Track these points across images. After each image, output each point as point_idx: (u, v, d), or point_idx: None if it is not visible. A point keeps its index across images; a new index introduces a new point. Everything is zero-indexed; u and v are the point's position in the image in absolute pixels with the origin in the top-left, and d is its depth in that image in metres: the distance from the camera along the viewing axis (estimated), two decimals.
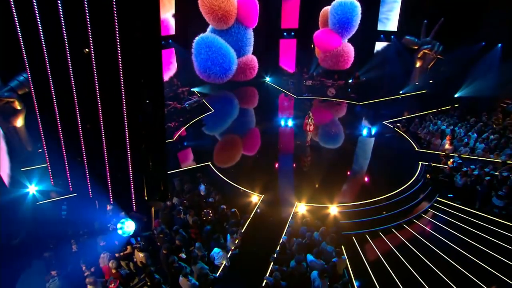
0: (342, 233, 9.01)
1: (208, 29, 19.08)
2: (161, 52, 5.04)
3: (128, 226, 5.47)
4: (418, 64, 19.51)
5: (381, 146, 13.79)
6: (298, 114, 16.46)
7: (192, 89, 18.95)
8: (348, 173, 11.96)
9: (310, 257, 7.47)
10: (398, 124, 14.97)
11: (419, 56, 19.08)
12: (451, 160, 11.43)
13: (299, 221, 8.95)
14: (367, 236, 9.09)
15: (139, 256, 7.71)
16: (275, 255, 7.63)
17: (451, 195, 10.53)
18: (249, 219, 9.19)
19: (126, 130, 4.53)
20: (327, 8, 19.51)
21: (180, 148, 13.84)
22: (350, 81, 20.35)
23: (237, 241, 8.21)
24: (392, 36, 20.19)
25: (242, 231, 8.59)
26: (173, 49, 19.39)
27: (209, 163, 12.10)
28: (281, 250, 7.74)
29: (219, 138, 15.04)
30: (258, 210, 9.67)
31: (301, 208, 9.49)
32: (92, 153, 4.97)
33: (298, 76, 21.70)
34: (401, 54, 19.64)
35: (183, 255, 7.86)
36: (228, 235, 8.27)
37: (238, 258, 8.00)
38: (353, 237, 8.95)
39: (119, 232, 5.58)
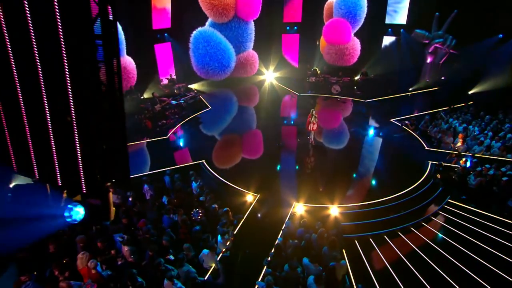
0: (343, 236, 8.68)
1: (207, 23, 18.91)
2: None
3: (77, 212, 5.13)
4: (429, 60, 19.09)
5: (388, 145, 13.51)
6: (301, 112, 16.12)
7: (189, 86, 18.71)
8: (352, 172, 11.58)
9: (306, 260, 7.13)
10: (407, 122, 14.58)
11: (430, 51, 18.68)
12: (464, 159, 11.01)
13: (296, 222, 8.58)
14: (371, 239, 8.71)
15: (124, 249, 7.44)
16: (269, 258, 7.28)
17: (464, 197, 10.08)
18: (243, 220, 8.85)
19: (70, 94, 4.00)
20: (332, 1, 19.23)
21: (174, 145, 13.56)
22: (356, 78, 19.95)
23: (228, 242, 7.86)
24: (401, 30, 19.77)
25: (235, 232, 8.26)
26: (170, 43, 19.19)
27: (203, 161, 11.79)
28: (276, 253, 7.39)
29: (216, 136, 14.78)
30: (259, 215, 9.32)
31: (299, 208, 9.12)
32: (36, 127, 4.43)
33: (301, 73, 21.42)
34: (410, 49, 19.20)
35: (171, 257, 7.53)
36: (219, 236, 7.93)
37: (229, 260, 7.67)
38: (356, 241, 8.59)
39: (68, 217, 5.24)
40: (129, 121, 13.75)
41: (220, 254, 7.76)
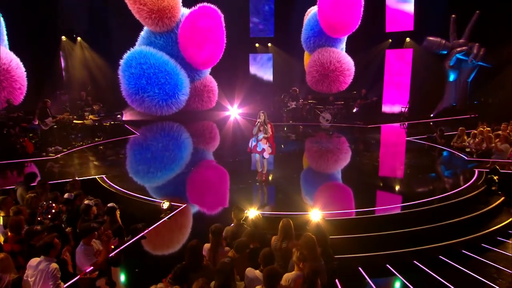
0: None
1: (141, 34, 18.18)
2: None
3: None
4: (452, 77, 18.49)
5: (413, 158, 12.99)
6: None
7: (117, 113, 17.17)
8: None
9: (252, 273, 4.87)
10: (435, 135, 13.98)
11: (452, 65, 18.18)
12: None
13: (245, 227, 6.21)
14: (388, 266, 6.58)
15: None
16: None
17: None
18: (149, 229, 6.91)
19: None
20: (312, 9, 19.37)
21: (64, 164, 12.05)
22: (355, 110, 19.54)
23: (97, 250, 5.22)
24: (408, 39, 19.78)
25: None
26: None
27: (104, 176, 10.39)
28: (191, 261, 4.83)
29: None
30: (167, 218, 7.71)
31: (253, 213, 6.77)
32: None
33: (277, 98, 21.05)
34: (426, 63, 18.98)
35: None
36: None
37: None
38: (360, 268, 6.53)
39: None
40: None
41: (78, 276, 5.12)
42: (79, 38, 18.27)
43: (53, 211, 5.98)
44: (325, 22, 18.10)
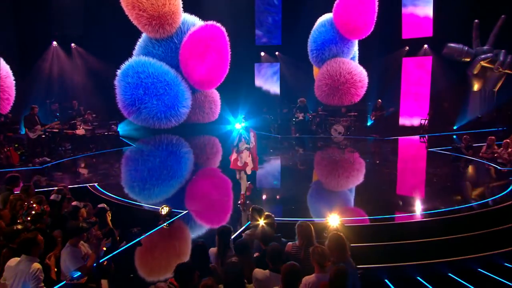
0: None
1: (139, 42, 18.25)
2: None
3: None
4: (476, 87, 18.29)
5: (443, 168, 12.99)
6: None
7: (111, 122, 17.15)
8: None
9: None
10: (461, 145, 13.86)
11: (475, 72, 18.01)
12: None
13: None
14: (419, 278, 6.22)
15: None
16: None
17: None
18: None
19: None
20: (318, 21, 19.61)
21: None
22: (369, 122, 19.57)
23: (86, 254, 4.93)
24: (426, 46, 19.79)
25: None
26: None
27: (96, 184, 10.73)
28: (196, 262, 4.63)
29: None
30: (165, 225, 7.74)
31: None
32: None
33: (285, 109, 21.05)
34: (447, 71, 18.94)
35: None
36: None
37: None
38: (386, 280, 6.22)
39: None
40: None
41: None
42: (73, 44, 18.45)
43: (33, 212, 5.62)
44: (339, 21, 18.30)
